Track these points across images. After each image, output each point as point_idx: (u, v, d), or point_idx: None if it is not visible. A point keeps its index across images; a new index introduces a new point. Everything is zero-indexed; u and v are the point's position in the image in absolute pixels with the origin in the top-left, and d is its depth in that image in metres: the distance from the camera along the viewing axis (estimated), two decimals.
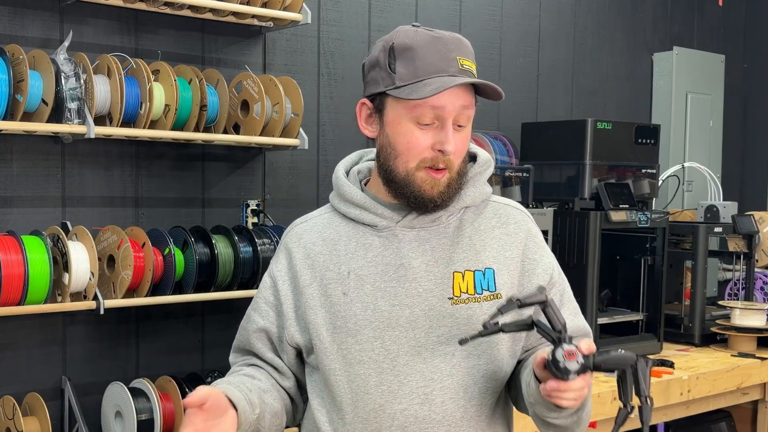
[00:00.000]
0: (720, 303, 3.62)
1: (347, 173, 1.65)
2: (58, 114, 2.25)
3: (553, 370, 1.36)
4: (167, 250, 2.42)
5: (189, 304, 2.64)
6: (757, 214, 3.73)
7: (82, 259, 2.25)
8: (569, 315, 1.58)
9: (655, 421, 3.04)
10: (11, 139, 2.38)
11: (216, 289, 2.53)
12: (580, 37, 3.93)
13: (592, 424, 2.70)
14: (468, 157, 1.57)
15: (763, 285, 3.86)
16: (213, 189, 2.78)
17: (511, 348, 1.56)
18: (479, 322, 1.48)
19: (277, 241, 2.59)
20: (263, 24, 2.78)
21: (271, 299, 1.61)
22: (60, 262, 2.26)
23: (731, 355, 3.28)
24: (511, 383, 1.59)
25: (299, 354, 1.61)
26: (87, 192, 2.52)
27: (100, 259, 2.34)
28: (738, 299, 3.69)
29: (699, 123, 4.34)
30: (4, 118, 2.17)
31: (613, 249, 3.32)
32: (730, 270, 3.83)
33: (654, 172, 3.36)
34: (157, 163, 2.65)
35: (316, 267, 1.57)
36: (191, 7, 2.52)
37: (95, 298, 2.30)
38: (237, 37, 2.80)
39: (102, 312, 2.29)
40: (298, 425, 1.69)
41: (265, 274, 1.66)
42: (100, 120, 2.36)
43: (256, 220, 2.84)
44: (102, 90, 2.33)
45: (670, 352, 3.28)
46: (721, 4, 4.54)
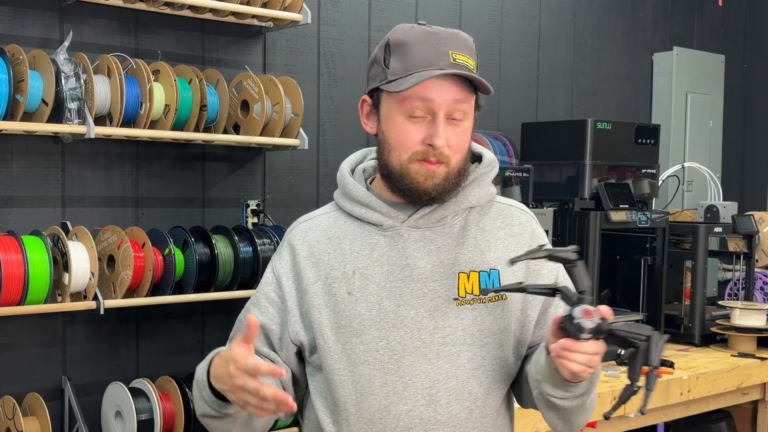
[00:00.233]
0: (720, 303, 3.62)
1: (352, 171, 1.63)
2: (58, 114, 2.25)
3: (567, 326, 1.34)
4: (167, 250, 2.42)
5: (189, 304, 2.64)
6: (757, 214, 3.73)
7: (82, 259, 2.25)
8: None
9: (654, 421, 3.04)
10: (11, 139, 2.38)
11: (216, 289, 2.53)
12: (580, 37, 3.93)
13: (592, 424, 2.69)
14: (471, 155, 1.57)
15: (763, 285, 3.86)
16: (213, 189, 2.78)
17: (516, 350, 1.55)
18: (484, 323, 1.48)
19: (277, 241, 2.59)
20: (263, 24, 2.78)
21: (273, 296, 1.59)
22: (60, 262, 2.25)
23: (731, 355, 3.29)
24: (516, 382, 1.59)
25: (299, 353, 1.60)
26: (87, 192, 2.52)
27: (100, 259, 2.34)
28: (738, 299, 3.69)
29: (699, 123, 4.34)
30: (4, 118, 2.17)
31: (613, 249, 3.32)
32: (730, 270, 3.82)
33: (654, 172, 3.37)
34: (157, 163, 2.65)
35: (320, 265, 1.56)
36: (191, 7, 2.52)
37: (95, 298, 2.30)
38: (237, 37, 2.80)
39: (102, 312, 2.29)
40: (298, 425, 1.68)
41: (267, 270, 1.63)
42: (100, 120, 2.36)
43: (256, 220, 2.84)
44: (102, 90, 2.33)
45: (670, 352, 3.27)
46: (721, 4, 4.53)
